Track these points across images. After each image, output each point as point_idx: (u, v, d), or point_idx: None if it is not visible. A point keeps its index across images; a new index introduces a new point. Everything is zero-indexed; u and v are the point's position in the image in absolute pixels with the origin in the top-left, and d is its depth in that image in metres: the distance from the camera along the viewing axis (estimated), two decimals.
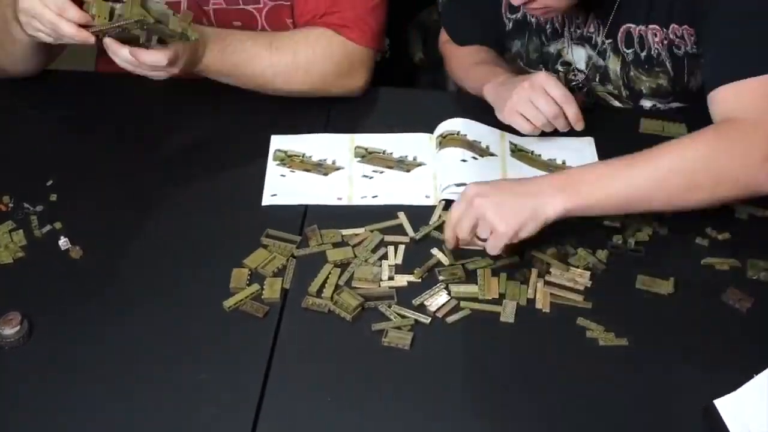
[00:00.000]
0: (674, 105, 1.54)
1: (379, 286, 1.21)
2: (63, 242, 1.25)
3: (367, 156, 1.42)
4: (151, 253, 1.26)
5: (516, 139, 1.44)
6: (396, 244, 1.27)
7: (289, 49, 1.44)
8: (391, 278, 1.22)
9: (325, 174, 1.38)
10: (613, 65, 1.50)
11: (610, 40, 1.47)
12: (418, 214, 1.32)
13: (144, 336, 1.14)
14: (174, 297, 1.20)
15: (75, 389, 1.08)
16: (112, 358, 1.11)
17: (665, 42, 1.42)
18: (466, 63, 1.58)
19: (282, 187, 1.36)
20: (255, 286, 1.20)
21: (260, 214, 1.32)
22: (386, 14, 1.51)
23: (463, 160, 1.37)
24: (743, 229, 1.30)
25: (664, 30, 1.41)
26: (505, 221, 1.16)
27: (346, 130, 1.47)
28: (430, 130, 1.46)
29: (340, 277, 1.21)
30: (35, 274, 1.22)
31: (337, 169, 1.40)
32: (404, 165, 1.40)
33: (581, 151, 1.43)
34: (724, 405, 1.04)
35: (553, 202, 1.16)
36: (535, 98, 1.36)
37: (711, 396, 1.05)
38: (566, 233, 1.28)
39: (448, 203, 1.32)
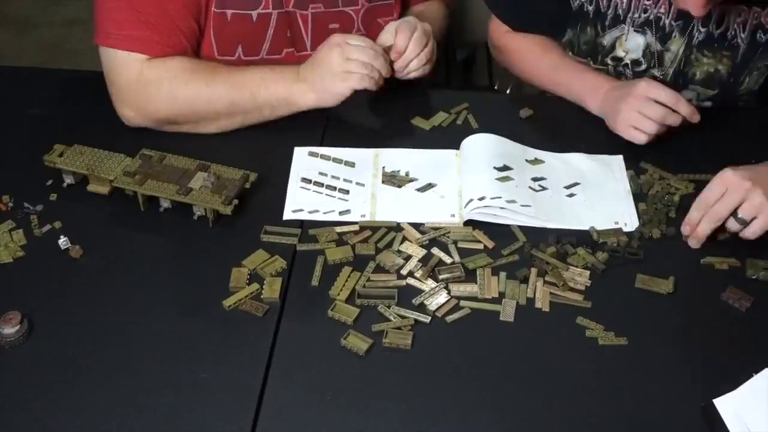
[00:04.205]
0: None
1: (397, 277, 1.22)
2: (63, 242, 1.25)
3: (391, 180, 1.39)
4: (151, 253, 1.27)
5: (540, 155, 1.43)
6: (404, 240, 1.28)
7: None
8: (411, 273, 1.23)
9: (348, 192, 1.37)
10: (675, 47, 1.52)
11: (679, 22, 1.49)
12: None
13: (144, 335, 1.14)
14: (174, 296, 1.20)
15: (75, 388, 1.08)
16: (112, 358, 1.11)
17: (752, 23, 1.45)
18: (535, 55, 1.60)
19: (304, 203, 1.34)
20: (255, 286, 1.20)
21: (260, 215, 1.32)
22: None
23: (485, 171, 1.36)
24: None
25: (757, 10, 1.44)
26: None
27: (354, 129, 1.46)
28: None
29: (358, 280, 1.22)
30: (35, 274, 1.22)
31: (360, 185, 1.38)
32: (428, 188, 1.39)
33: (609, 166, 1.42)
34: (723, 404, 1.04)
35: None
36: (643, 108, 1.40)
37: (710, 395, 1.05)
38: (565, 233, 1.29)
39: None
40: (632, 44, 1.54)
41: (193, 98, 1.42)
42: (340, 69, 1.41)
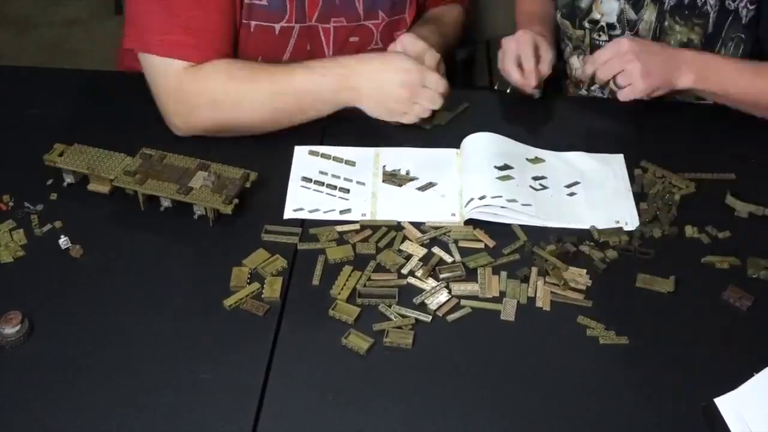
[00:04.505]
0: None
1: (398, 276, 1.22)
2: (63, 241, 1.25)
3: (391, 179, 1.39)
4: (151, 252, 1.26)
5: (541, 154, 1.43)
6: (405, 239, 1.28)
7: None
8: (412, 272, 1.23)
9: (348, 191, 1.37)
10: (648, 15, 1.54)
11: None
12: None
13: (144, 335, 1.14)
14: (174, 296, 1.20)
15: (75, 388, 1.08)
16: (112, 357, 1.11)
17: None
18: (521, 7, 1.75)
19: (304, 202, 1.34)
20: (255, 285, 1.20)
21: (261, 215, 1.32)
22: None
23: (485, 170, 1.36)
24: (743, 228, 1.30)
25: None
26: (648, 80, 1.39)
27: (354, 128, 1.46)
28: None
29: (359, 279, 1.21)
30: (36, 273, 1.22)
31: (361, 184, 1.38)
32: (429, 187, 1.39)
33: (609, 165, 1.42)
34: (724, 403, 1.04)
35: (684, 79, 1.41)
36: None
37: (711, 394, 1.05)
38: (566, 232, 1.29)
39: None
40: (607, 8, 1.58)
41: (235, 107, 1.39)
42: (402, 108, 1.41)
